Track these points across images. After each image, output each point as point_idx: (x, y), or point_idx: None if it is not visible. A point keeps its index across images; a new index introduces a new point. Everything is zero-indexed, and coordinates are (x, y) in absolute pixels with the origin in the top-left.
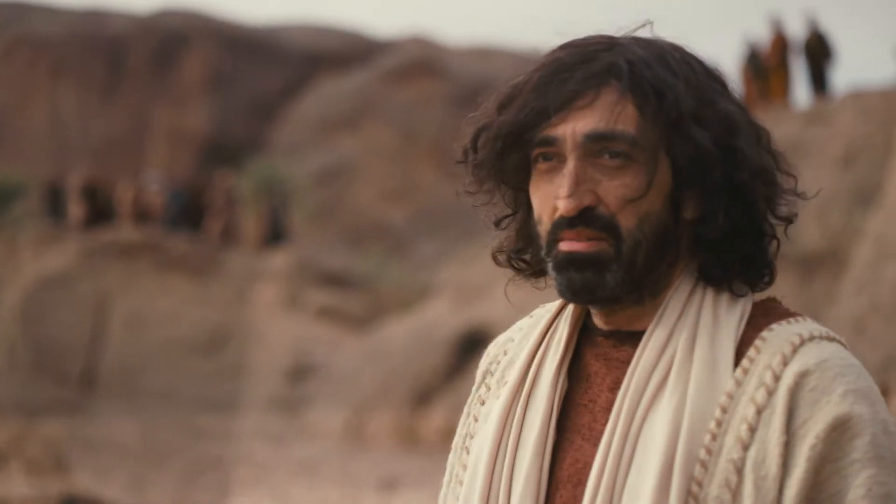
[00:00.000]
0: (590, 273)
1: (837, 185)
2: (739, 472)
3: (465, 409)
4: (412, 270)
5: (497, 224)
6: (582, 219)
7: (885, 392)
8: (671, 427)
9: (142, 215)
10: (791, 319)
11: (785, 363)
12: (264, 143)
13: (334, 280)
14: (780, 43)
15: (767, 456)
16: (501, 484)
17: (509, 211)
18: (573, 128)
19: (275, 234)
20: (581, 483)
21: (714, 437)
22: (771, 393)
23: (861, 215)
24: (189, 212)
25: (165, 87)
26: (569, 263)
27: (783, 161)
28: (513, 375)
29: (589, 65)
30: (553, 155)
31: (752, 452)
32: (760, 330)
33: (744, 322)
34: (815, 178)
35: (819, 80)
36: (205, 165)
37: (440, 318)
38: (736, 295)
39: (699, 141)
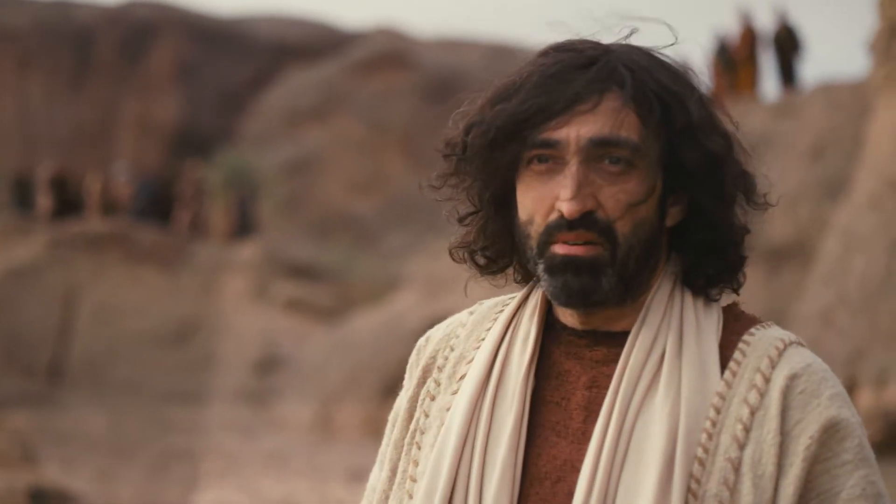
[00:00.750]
0: (586, 277)
1: (806, 177)
2: (737, 470)
3: (405, 405)
4: (380, 262)
5: (461, 220)
6: (582, 222)
7: (852, 384)
8: (669, 426)
9: (110, 207)
10: (764, 325)
11: (773, 366)
12: (233, 135)
13: (302, 272)
14: (750, 36)
15: (764, 455)
16: (472, 480)
17: (473, 208)
18: (577, 132)
19: (243, 226)
20: (561, 479)
21: (710, 437)
22: (762, 394)
23: (829, 208)
24: (157, 203)
25: (133, 79)
26: (565, 267)
27: (754, 166)
28: (474, 371)
29: (590, 69)
30: (550, 157)
31: (748, 451)
32: (738, 334)
33: (720, 325)
34: (783, 170)
35: (788, 73)
36: (173, 157)
37: (408, 310)
38: (709, 300)
39: (710, 149)
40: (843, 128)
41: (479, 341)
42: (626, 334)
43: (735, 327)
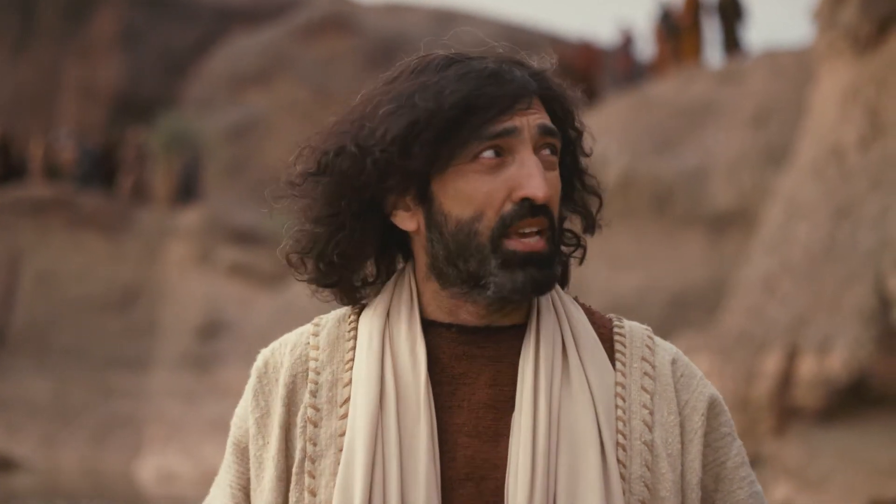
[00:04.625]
0: (548, 270)
1: (749, 144)
2: (652, 451)
3: (276, 433)
4: None
5: (318, 221)
6: (542, 208)
7: (794, 351)
8: (592, 414)
9: (53, 171)
10: (615, 316)
11: (653, 354)
12: (176, 99)
13: (246, 237)
14: (693, 3)
15: (669, 435)
16: (390, 494)
17: (331, 210)
18: (527, 120)
19: (186, 191)
20: (485, 478)
21: (624, 423)
22: (654, 379)
23: (772, 175)
24: (100, 168)
25: (76, 43)
26: (527, 262)
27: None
28: (365, 390)
29: (515, 71)
30: (502, 150)
31: (657, 433)
32: (604, 326)
33: None
34: (726, 137)
35: (731, 40)
36: (116, 121)
37: None
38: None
39: (584, 151)
40: (786, 95)
41: (346, 362)
42: (514, 328)
43: (593, 319)
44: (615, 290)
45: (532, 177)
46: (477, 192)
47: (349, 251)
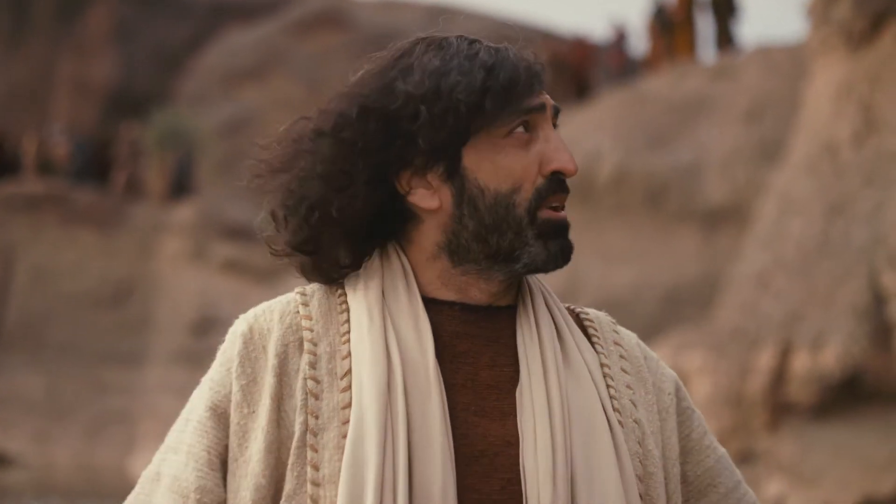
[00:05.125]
0: (570, 241)
1: (743, 140)
2: (641, 428)
3: (266, 403)
4: None
5: (321, 177)
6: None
7: (788, 347)
8: (594, 393)
9: (46, 167)
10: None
11: (621, 337)
12: (169, 95)
13: (239, 232)
14: None
15: (649, 413)
16: (398, 469)
17: (343, 167)
18: (546, 99)
19: (180, 186)
20: (499, 455)
21: (617, 401)
22: (629, 361)
23: (766, 171)
24: (94, 164)
25: (70, 39)
26: (561, 231)
27: None
28: (372, 364)
29: (527, 56)
30: (529, 126)
31: (641, 412)
32: (569, 311)
33: None
34: (720, 133)
35: (725, 36)
36: (110, 117)
37: None
38: None
39: None
40: (780, 91)
41: (342, 335)
42: (508, 308)
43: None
44: (609, 286)
45: (560, 150)
46: (515, 165)
47: (348, 210)
